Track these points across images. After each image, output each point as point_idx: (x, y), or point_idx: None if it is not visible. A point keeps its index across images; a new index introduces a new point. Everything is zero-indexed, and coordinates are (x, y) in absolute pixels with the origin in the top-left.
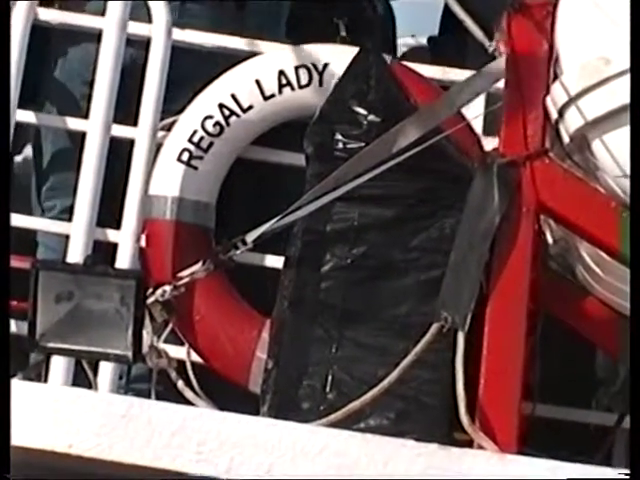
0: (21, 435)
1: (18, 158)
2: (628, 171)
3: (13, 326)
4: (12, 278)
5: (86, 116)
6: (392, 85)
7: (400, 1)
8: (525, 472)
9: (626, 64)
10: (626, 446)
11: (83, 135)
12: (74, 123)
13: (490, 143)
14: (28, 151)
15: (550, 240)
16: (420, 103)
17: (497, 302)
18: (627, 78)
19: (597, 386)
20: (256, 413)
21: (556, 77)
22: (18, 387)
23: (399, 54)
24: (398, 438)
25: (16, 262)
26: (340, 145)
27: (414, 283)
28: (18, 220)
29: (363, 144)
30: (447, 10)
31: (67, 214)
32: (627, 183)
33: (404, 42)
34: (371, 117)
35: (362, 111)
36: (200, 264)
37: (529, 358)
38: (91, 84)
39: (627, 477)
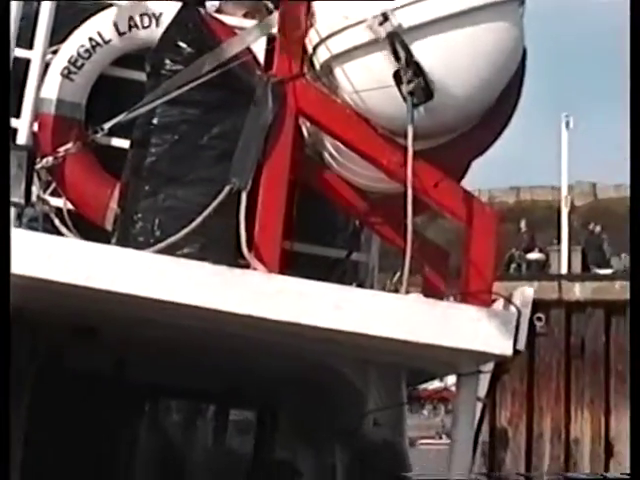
0: None
1: None
2: (358, 88)
3: None
4: None
5: None
6: (204, 28)
7: None
8: (283, 285)
9: (357, 18)
10: (352, 271)
11: None
12: None
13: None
14: None
15: (305, 134)
16: (222, 41)
17: (268, 173)
18: (356, 28)
19: (336, 231)
20: (108, 243)
21: (312, 25)
22: None
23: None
24: (201, 262)
25: None
26: (168, 67)
27: (215, 159)
28: None
29: (183, 67)
30: None
31: None
32: (355, 97)
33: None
34: (189, 49)
35: (183, 45)
36: (72, 143)
37: (289, 211)
38: None
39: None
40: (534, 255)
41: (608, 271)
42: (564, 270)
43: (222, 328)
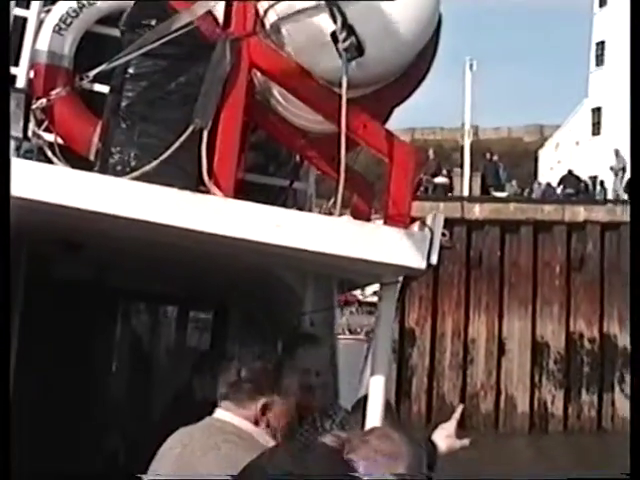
0: None
1: None
2: (301, 45)
3: None
4: None
5: None
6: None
7: None
8: (236, 208)
9: None
10: (293, 197)
11: None
12: None
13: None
14: None
15: (257, 83)
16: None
17: (226, 115)
18: None
19: (281, 164)
20: (91, 171)
21: None
22: None
23: None
24: (169, 187)
25: None
26: (140, 29)
27: (181, 103)
28: None
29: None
30: None
31: None
32: (299, 52)
33: None
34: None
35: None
36: (62, 87)
37: (242, 147)
38: None
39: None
40: (440, 179)
41: (504, 194)
42: (466, 192)
43: (185, 243)
